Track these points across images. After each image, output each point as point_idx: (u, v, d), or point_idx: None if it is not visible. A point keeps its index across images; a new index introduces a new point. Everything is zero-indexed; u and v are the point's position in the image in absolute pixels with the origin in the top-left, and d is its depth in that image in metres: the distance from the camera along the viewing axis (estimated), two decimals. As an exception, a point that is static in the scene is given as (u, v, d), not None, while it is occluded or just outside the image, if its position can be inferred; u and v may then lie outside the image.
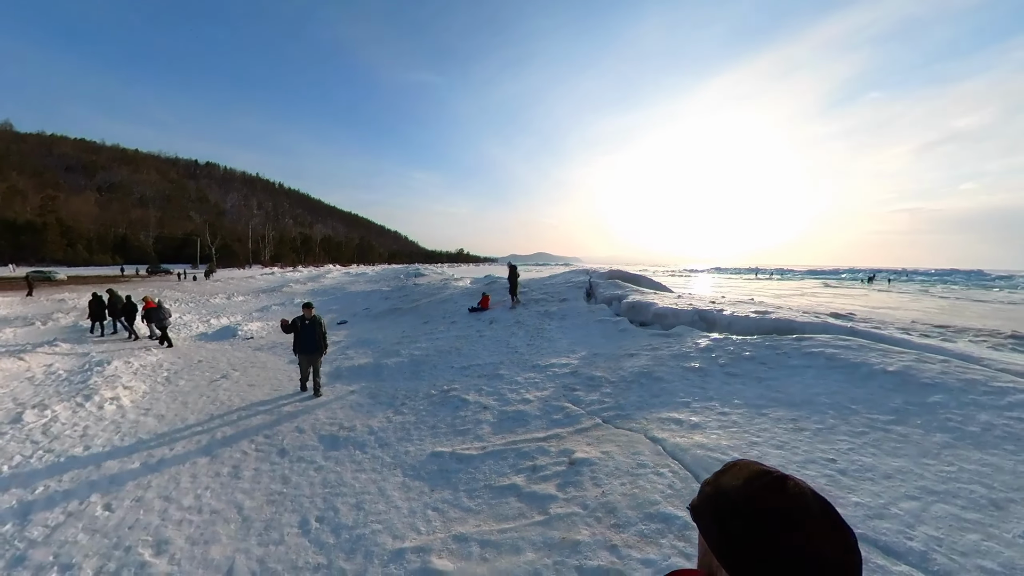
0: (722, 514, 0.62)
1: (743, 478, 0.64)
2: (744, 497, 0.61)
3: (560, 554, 2.63)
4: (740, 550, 0.58)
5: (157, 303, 11.19)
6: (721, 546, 0.61)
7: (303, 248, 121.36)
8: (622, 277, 14.13)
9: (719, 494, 0.65)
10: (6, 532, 3.37)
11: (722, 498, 0.64)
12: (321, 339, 6.49)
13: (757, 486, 0.61)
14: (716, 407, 4.47)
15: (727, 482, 0.66)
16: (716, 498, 0.65)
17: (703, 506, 0.67)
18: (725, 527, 0.61)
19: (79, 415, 5.72)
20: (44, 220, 67.04)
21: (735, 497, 0.62)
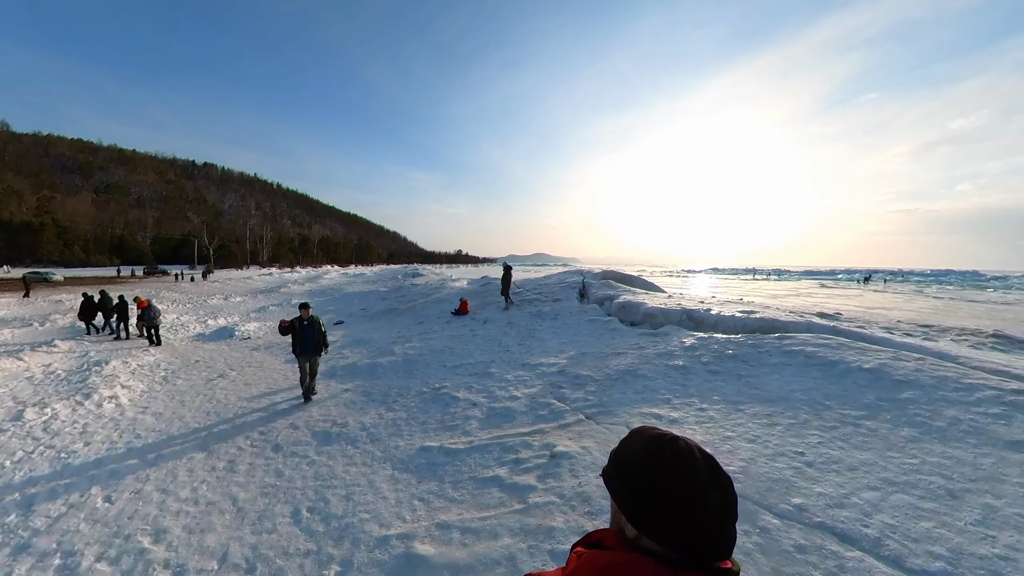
0: (625, 474, 0.73)
1: (642, 441, 0.76)
2: (643, 457, 0.72)
3: (535, 539, 2.79)
4: (641, 503, 0.69)
5: (148, 303, 11.34)
6: (627, 502, 0.71)
7: (301, 249, 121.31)
8: (615, 278, 14.30)
9: (625, 457, 0.76)
10: (10, 522, 3.51)
11: (626, 461, 0.75)
12: (321, 339, 6.43)
13: (654, 447, 0.73)
14: (695, 403, 4.64)
15: (630, 446, 0.77)
16: (621, 461, 0.76)
17: (612, 470, 0.77)
18: (628, 484, 0.72)
19: (78, 413, 5.86)
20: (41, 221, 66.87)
21: (636, 458, 0.73)
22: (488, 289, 16.24)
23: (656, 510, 0.67)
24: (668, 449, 0.72)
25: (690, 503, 0.66)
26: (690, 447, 0.73)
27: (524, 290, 14.45)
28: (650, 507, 0.68)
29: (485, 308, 12.92)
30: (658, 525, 0.67)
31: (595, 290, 12.27)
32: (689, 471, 0.69)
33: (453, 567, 2.65)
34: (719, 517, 0.67)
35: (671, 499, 0.67)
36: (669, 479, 0.68)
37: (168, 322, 14.50)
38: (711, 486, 0.68)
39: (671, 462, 0.70)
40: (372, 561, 2.83)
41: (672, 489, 0.68)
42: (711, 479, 0.69)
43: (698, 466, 0.70)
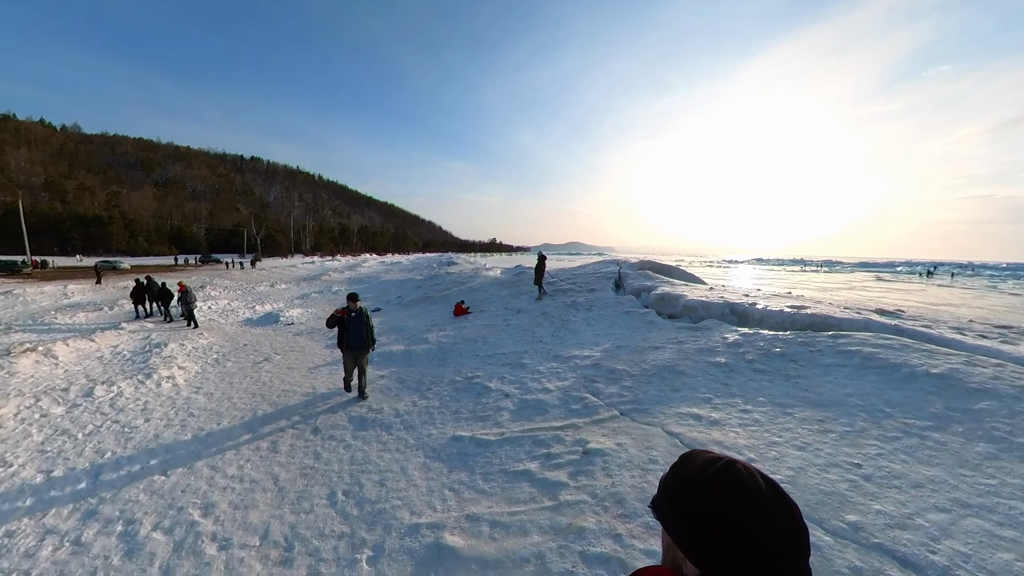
0: (680, 504, 0.65)
1: (696, 467, 0.68)
2: (699, 485, 0.64)
3: (565, 539, 2.72)
4: (700, 536, 0.61)
5: (186, 287, 12.17)
6: (683, 535, 0.63)
7: (341, 238, 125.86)
8: (653, 268, 13.84)
9: (675, 486, 0.68)
10: (82, 490, 3.84)
11: (679, 490, 0.67)
12: (368, 333, 5.94)
13: (709, 473, 0.65)
14: (738, 404, 4.39)
15: (682, 474, 0.69)
16: (674, 490, 0.68)
17: (662, 500, 0.70)
18: (684, 516, 0.64)
19: (140, 391, 6.32)
20: (110, 214, 73.09)
21: (690, 486, 0.65)
22: (522, 278, 16.17)
23: (721, 544, 0.60)
24: (726, 473, 0.64)
25: (759, 535, 0.58)
26: (751, 471, 0.65)
27: (558, 280, 14.28)
28: (714, 542, 0.60)
29: (518, 298, 12.87)
30: (726, 561, 0.59)
31: (632, 281, 11.93)
32: (754, 498, 0.61)
33: (481, 561, 2.63)
34: (794, 550, 0.59)
35: (737, 531, 0.59)
36: (732, 507, 0.60)
37: (220, 308, 15.44)
38: (779, 515, 0.60)
39: (732, 488, 0.62)
40: (403, 548, 2.87)
41: (737, 520, 0.60)
42: (778, 507, 0.61)
43: (763, 492, 0.62)
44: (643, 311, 9.02)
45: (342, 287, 23.49)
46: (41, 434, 4.88)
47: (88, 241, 67.93)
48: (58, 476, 4.05)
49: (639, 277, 12.30)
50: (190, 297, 12.03)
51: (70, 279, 26.30)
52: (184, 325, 12.09)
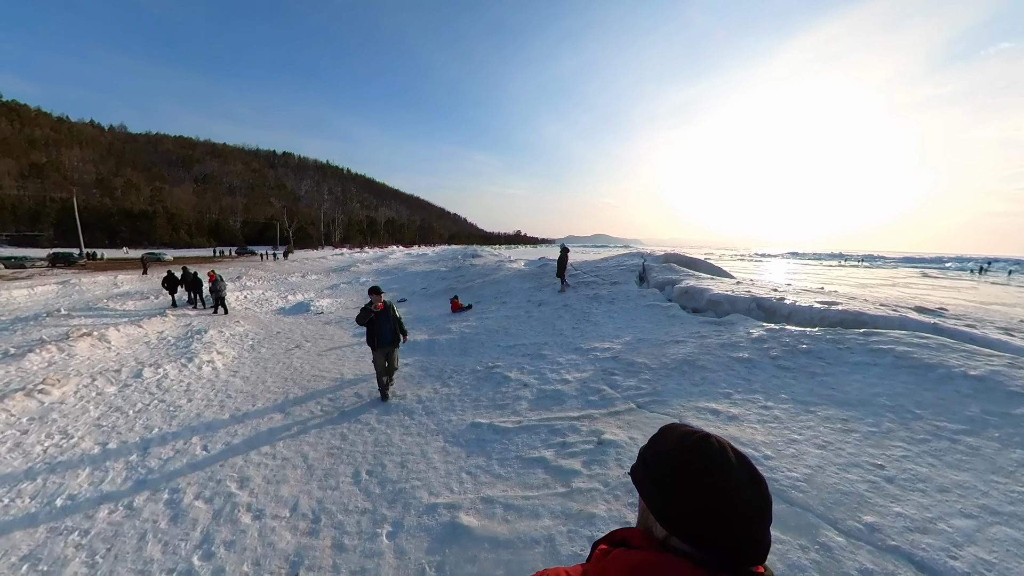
0: (655, 473, 0.71)
1: (672, 439, 0.73)
2: (673, 455, 0.70)
3: (575, 524, 2.80)
4: (671, 503, 0.67)
5: (217, 276, 12.85)
6: (656, 500, 0.69)
7: (369, 230, 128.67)
8: (678, 261, 13.57)
9: (654, 455, 0.74)
10: (133, 461, 4.19)
11: (655, 459, 0.73)
12: (397, 327, 5.68)
13: (685, 445, 0.70)
14: (759, 400, 4.32)
15: (660, 444, 0.74)
16: (652, 459, 0.73)
17: (641, 468, 0.75)
18: (658, 484, 0.69)
19: (184, 373, 6.77)
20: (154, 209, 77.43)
21: (666, 456, 0.71)
22: (544, 271, 16.18)
23: (688, 510, 0.65)
24: (700, 446, 0.69)
25: (724, 503, 0.64)
26: (723, 445, 0.69)
27: (581, 272, 14.22)
28: (681, 506, 0.66)
29: (541, 290, 12.91)
30: (690, 525, 0.65)
31: (656, 274, 11.75)
32: (723, 469, 0.66)
33: (494, 540, 2.75)
34: (754, 519, 0.64)
35: (703, 499, 0.65)
36: (701, 477, 0.66)
37: (255, 297, 16.19)
38: (746, 486, 0.65)
39: (703, 460, 0.67)
40: (420, 526, 3.02)
41: (704, 488, 0.65)
42: (746, 479, 0.66)
43: (732, 465, 0.67)
44: (666, 305, 8.90)
45: (370, 278, 24.12)
46: (97, 410, 5.33)
47: (135, 234, 72.24)
48: (112, 448, 4.43)
49: (664, 270, 12.10)
50: (220, 285, 12.67)
51: (119, 270, 28.11)
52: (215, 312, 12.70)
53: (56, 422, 4.94)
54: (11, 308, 13.62)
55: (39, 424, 4.87)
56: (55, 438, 4.59)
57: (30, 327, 10.16)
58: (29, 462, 4.12)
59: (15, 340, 8.86)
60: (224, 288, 12.82)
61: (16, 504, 3.49)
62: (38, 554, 2.97)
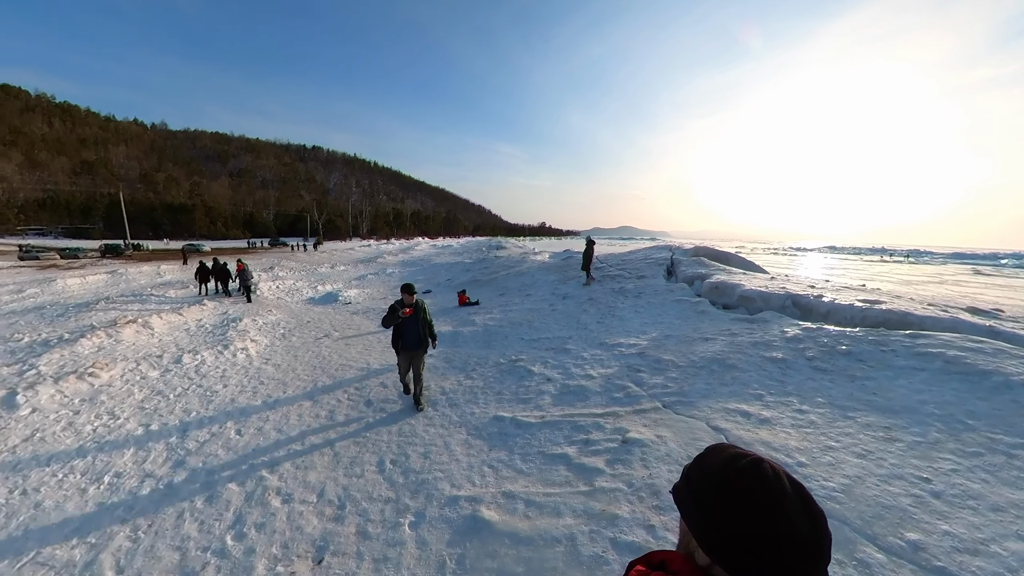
0: (700, 494, 0.67)
1: (721, 460, 0.68)
2: (722, 478, 0.65)
3: (598, 524, 2.75)
4: (717, 529, 0.62)
5: (244, 266, 13.39)
6: (699, 526, 0.65)
7: (395, 222, 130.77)
8: (708, 255, 13.15)
9: (699, 476, 0.69)
10: (173, 442, 4.41)
11: (701, 479, 0.68)
12: (425, 329, 5.01)
13: (734, 467, 0.65)
14: (793, 403, 4.13)
15: (707, 465, 0.70)
16: (696, 480, 0.69)
17: (684, 488, 0.71)
18: (703, 507, 0.65)
19: (220, 360, 7.06)
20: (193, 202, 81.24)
21: (713, 478, 0.66)
22: (569, 263, 16.01)
23: (736, 540, 0.60)
24: (751, 470, 0.64)
25: (776, 535, 0.58)
26: (777, 471, 0.64)
27: (607, 265, 13.98)
28: (728, 535, 0.61)
29: (566, 283, 12.79)
30: (737, 556, 0.60)
31: (685, 268, 11.43)
32: (776, 498, 0.60)
33: (514, 536, 2.74)
34: (810, 555, 0.58)
35: (753, 528, 0.59)
36: (751, 505, 0.61)
37: (286, 287, 16.73)
38: (802, 518, 0.59)
39: (754, 485, 0.62)
40: (442, 517, 3.04)
41: (755, 517, 0.60)
42: (802, 509, 0.60)
43: (787, 493, 0.61)
44: (695, 300, 8.64)
45: (396, 269, 24.52)
46: (141, 393, 5.63)
47: (176, 227, 76.08)
48: (154, 430, 4.68)
49: (693, 264, 11.75)
50: (247, 275, 13.25)
51: (162, 260, 29.65)
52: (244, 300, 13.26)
53: (104, 404, 5.26)
54: (66, 295, 14.59)
55: (89, 405, 5.20)
56: (103, 419, 4.88)
57: (83, 313, 10.84)
58: (80, 440, 4.40)
59: (69, 326, 9.48)
60: (251, 276, 13.40)
61: (68, 480, 3.74)
62: (85, 528, 3.17)
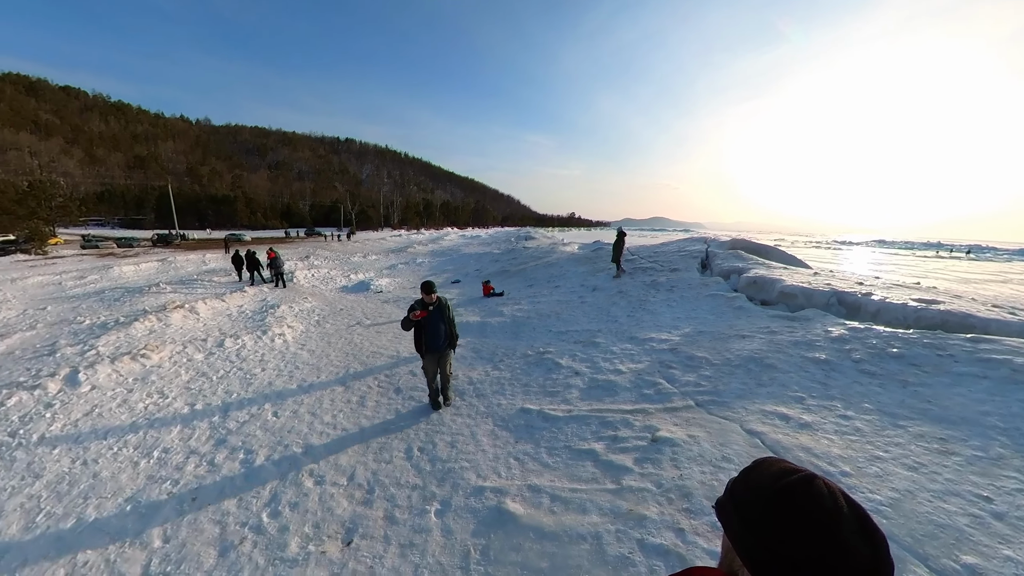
0: (747, 511, 0.62)
1: (769, 474, 0.63)
2: (771, 494, 0.60)
3: (624, 524, 2.69)
4: (764, 548, 0.57)
5: (276, 254, 14.07)
6: (745, 544, 0.60)
7: (425, 212, 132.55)
8: (746, 248, 12.61)
9: (745, 490, 0.64)
10: (215, 422, 4.65)
11: (748, 494, 0.63)
12: (450, 329, 4.68)
13: (784, 483, 0.60)
14: (837, 408, 3.88)
15: (754, 478, 0.65)
16: (742, 494, 0.64)
17: (727, 502, 0.66)
18: (750, 524, 0.60)
19: (259, 344, 7.38)
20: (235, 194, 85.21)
21: (761, 494, 0.61)
22: (599, 255, 15.76)
23: (785, 560, 0.55)
24: (802, 488, 0.58)
25: (832, 560, 0.52)
26: (832, 490, 0.58)
27: (638, 258, 13.67)
28: (777, 555, 0.56)
29: (595, 275, 12.60)
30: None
31: (720, 261, 11.01)
32: (830, 518, 0.54)
33: (539, 531, 2.71)
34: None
35: (806, 550, 0.54)
36: (804, 524, 0.55)
37: (321, 276, 17.28)
38: (861, 542, 0.53)
39: (808, 504, 0.56)
40: (467, 507, 3.06)
41: (805, 537, 0.54)
42: (860, 534, 0.54)
43: (843, 514, 0.55)
44: (731, 295, 8.30)
45: (426, 259, 24.88)
46: (187, 374, 5.96)
47: (219, 217, 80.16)
48: (199, 409, 4.95)
49: (729, 257, 11.29)
50: (279, 262, 13.96)
51: (207, 249, 31.26)
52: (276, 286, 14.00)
53: (154, 383, 5.60)
54: (122, 281, 15.65)
55: (141, 384, 5.55)
56: (154, 397, 5.20)
57: (136, 298, 11.60)
58: (133, 417, 4.71)
59: (124, 310, 10.16)
60: (282, 264, 14.11)
61: (123, 453, 4.01)
62: (138, 497, 3.39)
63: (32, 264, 22.12)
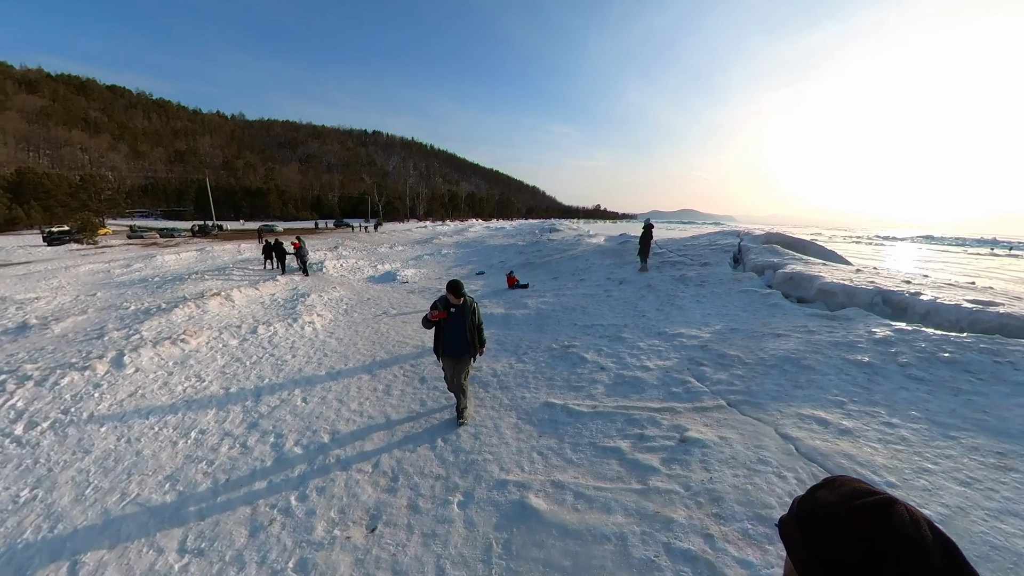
0: (814, 532, 0.56)
1: (842, 495, 0.57)
2: (842, 516, 0.54)
3: (650, 526, 2.61)
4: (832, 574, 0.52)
5: (301, 243, 14.70)
6: (811, 568, 0.55)
7: (450, 204, 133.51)
8: (782, 242, 12.07)
9: (813, 510, 0.59)
10: (248, 405, 4.81)
11: (816, 514, 0.57)
12: (474, 334, 4.17)
13: (858, 505, 0.54)
14: (881, 415, 3.65)
15: (823, 497, 0.59)
16: (809, 514, 0.59)
17: (792, 522, 0.61)
18: (817, 547, 0.55)
19: (289, 332, 7.60)
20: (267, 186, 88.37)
21: (831, 515, 0.56)
22: (626, 247, 15.45)
23: None
24: (879, 513, 0.51)
25: None
26: (916, 518, 0.51)
27: (666, 251, 13.33)
28: None
29: (622, 268, 12.37)
30: None
31: (754, 255, 10.58)
32: (913, 552, 0.48)
33: (562, 529, 2.67)
34: None
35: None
36: (880, 558, 0.49)
37: (349, 266, 17.67)
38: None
39: (886, 534, 0.49)
40: (489, 500, 3.05)
41: (884, 569, 0.48)
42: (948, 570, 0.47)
43: (928, 547, 0.48)
44: (765, 291, 7.96)
45: (451, 250, 25.04)
46: (223, 359, 6.21)
47: (253, 209, 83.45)
48: (233, 392, 5.14)
49: (763, 252, 10.84)
50: (303, 252, 14.60)
51: (241, 240, 32.49)
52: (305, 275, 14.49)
53: (193, 367, 5.86)
54: (164, 270, 16.47)
55: (180, 368, 5.81)
56: (191, 380, 5.44)
57: (177, 285, 12.18)
58: (173, 399, 4.94)
59: (166, 296, 10.68)
60: (307, 254, 14.76)
61: (163, 433, 4.21)
62: (176, 475, 3.55)
63: (84, 253, 23.62)
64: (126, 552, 2.79)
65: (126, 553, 2.78)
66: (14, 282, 13.34)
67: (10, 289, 12.05)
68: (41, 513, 3.15)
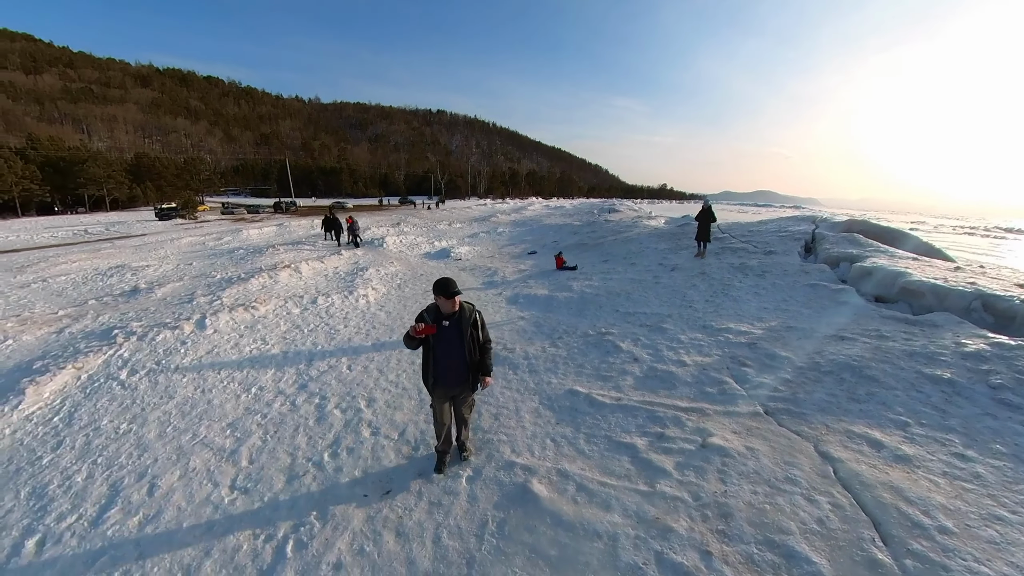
0: None
1: None
2: None
3: (646, 531, 2.55)
4: None
5: (353, 219, 16.18)
6: None
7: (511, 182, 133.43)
8: (865, 231, 10.70)
9: None
10: (301, 368, 5.33)
11: None
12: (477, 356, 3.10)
13: None
14: (953, 444, 3.15)
15: None
16: None
17: None
18: None
19: (345, 303, 8.19)
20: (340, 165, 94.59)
21: None
22: (685, 231, 14.58)
23: None
24: None
25: None
26: None
27: (729, 236, 12.40)
28: None
29: (677, 252, 11.72)
30: None
31: (829, 245, 9.51)
32: None
33: (556, 517, 2.70)
34: None
35: None
36: None
37: (408, 242, 18.47)
38: None
39: None
40: (495, 479, 3.15)
41: None
42: None
43: None
44: (836, 287, 7.15)
45: (507, 228, 25.16)
46: (285, 326, 6.88)
47: (328, 187, 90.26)
48: (290, 355, 5.71)
49: (841, 241, 9.69)
50: (356, 227, 16.23)
51: (315, 216, 35.10)
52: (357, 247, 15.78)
53: (259, 331, 6.56)
54: (248, 243, 18.36)
55: (250, 331, 6.54)
56: (257, 343, 6.11)
57: (256, 257, 13.55)
58: (240, 358, 5.60)
59: (246, 267, 11.94)
60: (359, 229, 16.42)
61: (230, 387, 4.81)
62: (236, 424, 4.07)
63: (186, 227, 27.03)
64: (190, 482, 3.30)
65: (190, 483, 3.29)
66: (131, 252, 15.67)
67: (129, 257, 14.18)
68: (133, 443, 3.80)
